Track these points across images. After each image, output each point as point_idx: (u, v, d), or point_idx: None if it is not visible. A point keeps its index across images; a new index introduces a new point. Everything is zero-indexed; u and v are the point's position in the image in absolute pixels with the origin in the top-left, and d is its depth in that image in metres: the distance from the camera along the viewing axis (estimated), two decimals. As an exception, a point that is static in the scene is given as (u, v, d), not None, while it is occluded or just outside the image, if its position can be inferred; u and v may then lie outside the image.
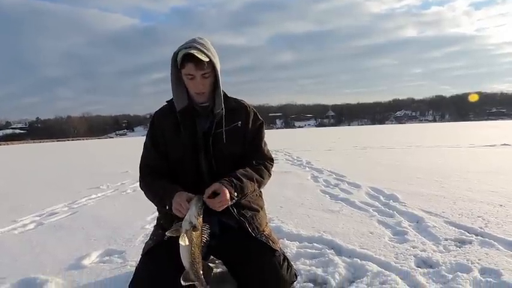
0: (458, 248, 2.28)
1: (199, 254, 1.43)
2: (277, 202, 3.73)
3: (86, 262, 2.28)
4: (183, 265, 1.42)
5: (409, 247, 2.32)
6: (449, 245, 2.34)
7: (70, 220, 3.52)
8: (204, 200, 1.45)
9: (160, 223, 1.74)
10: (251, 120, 1.76)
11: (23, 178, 7.79)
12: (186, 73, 1.57)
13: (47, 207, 4.15)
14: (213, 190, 1.50)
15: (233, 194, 1.53)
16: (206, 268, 1.48)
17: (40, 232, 3.14)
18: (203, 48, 1.54)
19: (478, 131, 23.55)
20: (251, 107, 1.80)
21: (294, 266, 1.82)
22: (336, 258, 2.13)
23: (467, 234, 2.55)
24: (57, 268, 2.20)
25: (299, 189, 4.63)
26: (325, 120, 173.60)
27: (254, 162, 1.72)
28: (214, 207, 1.48)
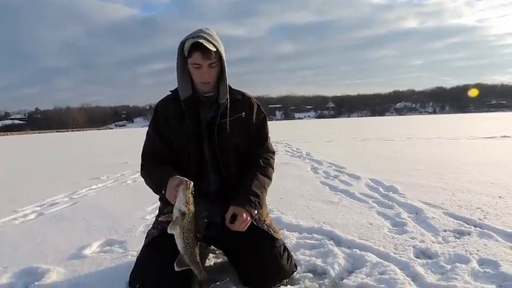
0: (457, 239, 2.29)
1: (193, 239, 1.42)
2: (277, 193, 3.74)
3: (87, 252, 2.30)
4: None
5: (408, 238, 2.33)
6: (448, 236, 2.35)
7: (71, 210, 3.53)
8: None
9: (163, 212, 1.75)
10: (255, 112, 1.78)
11: (23, 168, 7.80)
12: (193, 62, 1.57)
13: (48, 197, 4.16)
14: (232, 213, 1.56)
15: (253, 213, 1.59)
16: (203, 251, 1.49)
17: (41, 222, 3.16)
18: (210, 38, 1.55)
19: (478, 123, 23.54)
20: (255, 100, 1.82)
21: (294, 257, 1.84)
22: (336, 248, 2.14)
23: (466, 225, 2.55)
24: (58, 258, 2.21)
25: (299, 180, 4.64)
26: (325, 111, 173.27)
27: (261, 161, 1.76)
28: (238, 229, 1.54)
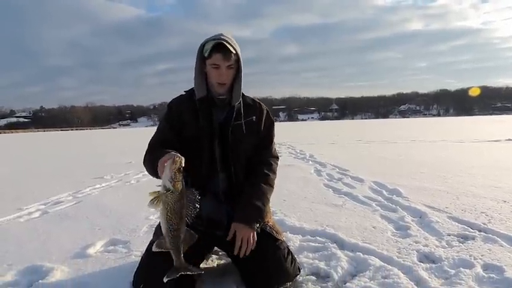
0: (461, 244, 2.28)
1: (178, 222, 1.36)
2: (280, 195, 3.74)
3: (91, 251, 2.31)
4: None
5: (412, 242, 2.33)
6: (452, 241, 2.34)
7: (75, 209, 3.55)
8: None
9: None
10: (264, 117, 1.85)
11: (27, 166, 7.84)
12: (212, 63, 1.63)
13: (52, 196, 4.18)
14: (233, 233, 1.62)
15: (254, 227, 1.64)
16: (188, 237, 1.40)
17: (45, 220, 3.17)
18: (230, 41, 1.62)
19: (483, 126, 23.42)
20: (264, 106, 1.90)
21: (297, 260, 1.84)
22: (339, 252, 2.14)
23: (470, 229, 2.54)
24: (62, 256, 2.23)
25: (302, 182, 4.64)
26: (328, 113, 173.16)
27: (264, 167, 1.80)
28: (244, 249, 1.61)
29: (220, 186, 1.75)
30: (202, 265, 1.86)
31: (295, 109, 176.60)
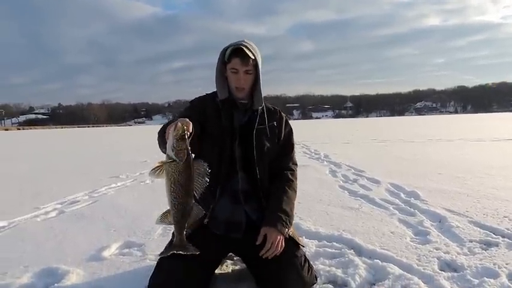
0: (483, 251, 2.20)
1: (183, 195, 1.25)
2: (295, 196, 3.69)
3: (106, 254, 2.31)
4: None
5: (432, 249, 2.25)
6: (474, 247, 2.26)
7: (91, 209, 3.58)
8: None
9: None
10: (284, 123, 1.89)
11: (46, 163, 7.99)
12: (231, 67, 1.67)
13: (69, 195, 4.24)
14: (263, 235, 1.62)
15: (284, 232, 1.65)
16: (195, 212, 1.30)
17: (62, 220, 3.21)
18: (250, 47, 1.65)
19: (503, 123, 22.81)
20: (283, 113, 1.94)
21: (314, 267, 1.80)
22: (356, 258, 2.09)
23: (493, 235, 2.45)
24: (78, 258, 2.24)
25: (317, 184, 4.58)
26: (343, 111, 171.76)
27: (288, 173, 1.87)
28: (274, 254, 1.60)
29: (239, 185, 1.75)
30: (217, 271, 1.84)
31: (309, 107, 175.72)
